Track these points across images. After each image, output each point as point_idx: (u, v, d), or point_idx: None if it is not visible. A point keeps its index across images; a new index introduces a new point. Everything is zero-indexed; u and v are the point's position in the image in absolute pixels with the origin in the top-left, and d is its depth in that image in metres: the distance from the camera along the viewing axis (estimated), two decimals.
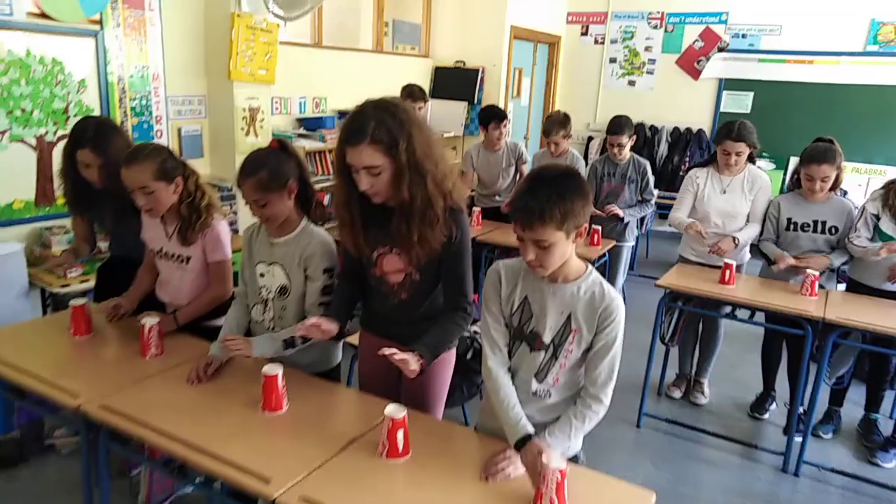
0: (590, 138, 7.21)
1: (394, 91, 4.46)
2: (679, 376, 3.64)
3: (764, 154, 6.39)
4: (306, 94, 4.83)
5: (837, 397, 3.30)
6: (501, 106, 6.19)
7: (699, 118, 6.79)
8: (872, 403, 3.25)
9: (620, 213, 3.81)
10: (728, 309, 3.12)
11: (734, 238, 3.20)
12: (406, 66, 5.96)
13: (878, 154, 5.90)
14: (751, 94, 6.58)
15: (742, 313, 3.12)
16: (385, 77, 5.43)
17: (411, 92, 4.45)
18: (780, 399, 3.43)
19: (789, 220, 3.15)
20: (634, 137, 3.95)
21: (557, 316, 1.56)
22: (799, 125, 6.23)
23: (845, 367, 3.14)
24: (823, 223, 3.08)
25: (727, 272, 3.05)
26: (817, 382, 2.87)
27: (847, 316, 2.73)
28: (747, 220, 3.29)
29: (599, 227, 3.78)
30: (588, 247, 3.69)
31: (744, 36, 6.55)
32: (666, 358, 3.62)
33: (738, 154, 3.20)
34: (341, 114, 4.98)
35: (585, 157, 6.87)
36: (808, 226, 3.11)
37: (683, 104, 6.87)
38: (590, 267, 1.58)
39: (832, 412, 3.30)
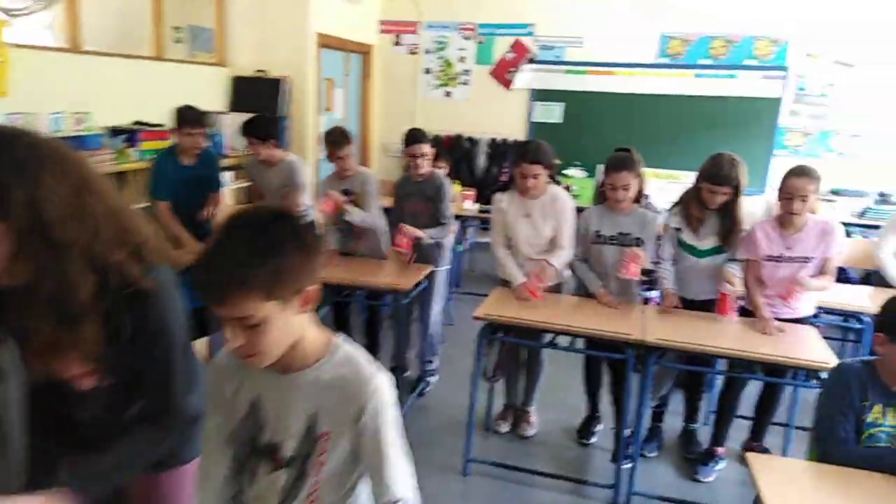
0: None
1: (180, 102, 3.81)
2: (506, 407, 3.42)
3: (576, 162, 6.57)
4: (64, 109, 3.99)
5: (658, 413, 3.26)
6: (310, 119, 5.73)
7: (514, 128, 6.81)
8: (691, 414, 3.25)
9: (421, 234, 3.46)
10: (549, 337, 2.95)
11: (549, 263, 3.02)
12: (198, 76, 5.27)
13: (675, 160, 6.26)
14: (561, 105, 6.72)
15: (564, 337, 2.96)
16: (172, 88, 4.72)
17: (183, 116, 3.68)
18: (606, 417, 3.33)
19: (597, 232, 3.06)
20: (434, 150, 3.66)
21: (298, 418, 1.15)
22: (606, 134, 6.44)
23: (667, 386, 3.10)
24: (628, 235, 3.01)
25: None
26: (642, 405, 2.77)
27: (665, 336, 2.64)
28: (555, 244, 3.12)
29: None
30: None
31: (550, 48, 6.68)
32: (492, 387, 3.39)
33: (535, 177, 3.02)
34: (114, 131, 4.21)
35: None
36: (615, 238, 3.03)
37: (498, 115, 6.86)
38: (334, 341, 1.19)
39: (655, 429, 3.25)
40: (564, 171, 6.47)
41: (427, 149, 3.56)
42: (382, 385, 1.14)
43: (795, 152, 6.02)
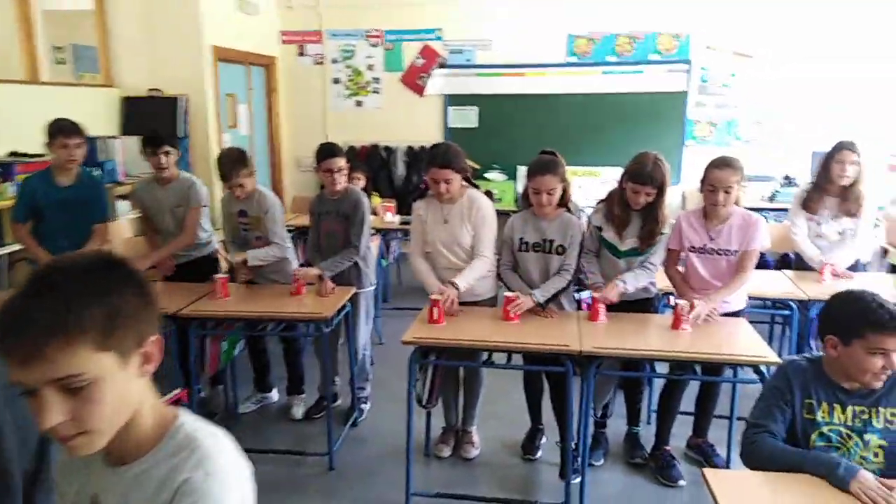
0: None
1: None
2: (446, 430, 3.24)
3: (494, 165, 6.50)
4: None
5: (601, 421, 3.17)
6: (213, 138, 5.37)
7: (431, 135, 6.66)
8: (633, 416, 3.18)
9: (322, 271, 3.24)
10: (486, 355, 2.79)
11: (454, 284, 2.85)
12: (82, 98, 4.83)
13: (590, 157, 6.29)
14: (476, 108, 6.63)
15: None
16: (53, 112, 4.24)
17: (56, 126, 3.27)
18: (550, 428, 3.21)
19: (521, 239, 2.94)
20: (349, 163, 3.44)
21: None
22: (521, 135, 6.42)
23: (609, 394, 3.01)
24: (551, 242, 2.91)
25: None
26: (585, 416, 2.66)
27: (603, 343, 2.53)
28: (475, 251, 2.97)
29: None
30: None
31: (460, 51, 6.58)
32: (429, 411, 3.20)
33: (446, 181, 2.87)
34: None
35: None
36: (538, 245, 2.92)
37: (414, 122, 6.70)
38: (179, 419, 0.93)
39: (599, 436, 3.16)
40: (485, 175, 6.39)
41: (342, 163, 3.34)
42: (210, 491, 0.85)
43: (704, 142, 6.18)
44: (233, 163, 3.21)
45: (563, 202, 2.94)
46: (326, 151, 3.34)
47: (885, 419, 1.78)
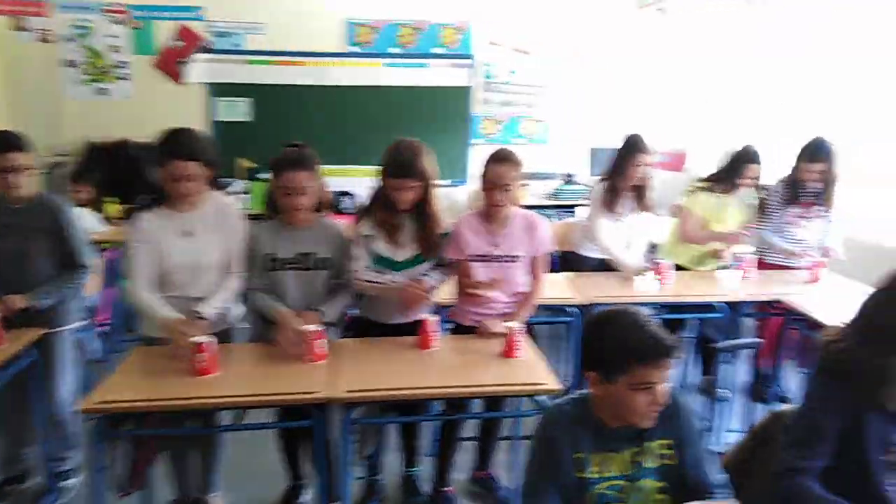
0: (56, 164, 5.45)
1: None
2: (178, 502, 2.54)
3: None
4: None
5: (373, 465, 2.68)
6: None
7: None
8: (409, 458, 2.75)
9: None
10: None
11: (199, 314, 2.23)
12: None
13: (375, 156, 5.85)
14: (249, 100, 5.86)
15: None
16: None
17: None
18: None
19: (270, 256, 2.36)
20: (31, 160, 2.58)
21: None
22: (305, 130, 5.74)
23: (375, 440, 2.53)
24: (312, 255, 2.38)
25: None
26: (345, 468, 2.15)
27: (361, 385, 2.04)
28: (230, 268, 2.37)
29: None
30: None
31: (227, 35, 5.76)
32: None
33: (189, 178, 2.23)
34: None
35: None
36: (295, 261, 2.37)
37: (172, 114, 5.59)
38: None
39: (372, 484, 2.68)
40: (259, 176, 5.65)
41: (23, 159, 2.48)
42: None
43: (491, 140, 6.05)
44: None
45: (320, 206, 2.43)
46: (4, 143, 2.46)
47: (657, 455, 1.49)
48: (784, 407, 1.80)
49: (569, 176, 5.95)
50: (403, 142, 2.36)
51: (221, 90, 5.80)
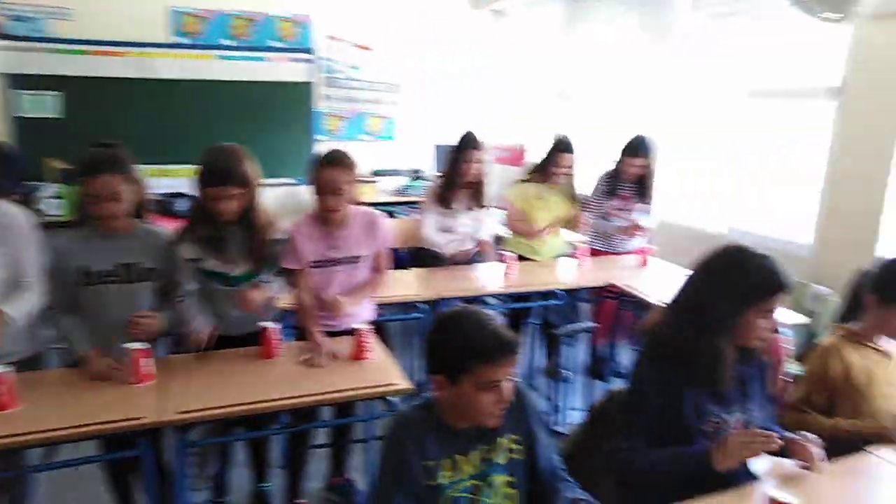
0: None
1: None
2: None
3: None
4: None
5: (219, 486, 2.49)
6: None
7: None
8: (260, 472, 2.59)
9: None
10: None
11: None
12: None
13: (198, 153, 5.50)
14: (59, 94, 5.22)
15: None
16: None
17: None
18: None
19: (83, 270, 2.09)
20: None
21: None
22: (127, 127, 5.23)
23: (217, 459, 2.35)
24: (136, 265, 2.14)
25: None
26: (182, 494, 1.97)
27: (195, 404, 1.87)
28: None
29: None
30: None
31: (25, 19, 5.09)
32: None
33: None
34: None
35: None
36: (115, 274, 2.12)
37: None
38: None
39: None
40: (72, 179, 5.07)
41: None
42: None
43: (336, 137, 5.91)
44: None
45: (140, 211, 2.19)
46: None
47: (505, 450, 1.50)
48: (617, 385, 1.91)
49: (416, 172, 5.98)
50: (218, 147, 2.21)
51: (24, 82, 5.11)
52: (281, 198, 4.79)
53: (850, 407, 1.85)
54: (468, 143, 3.39)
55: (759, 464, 1.45)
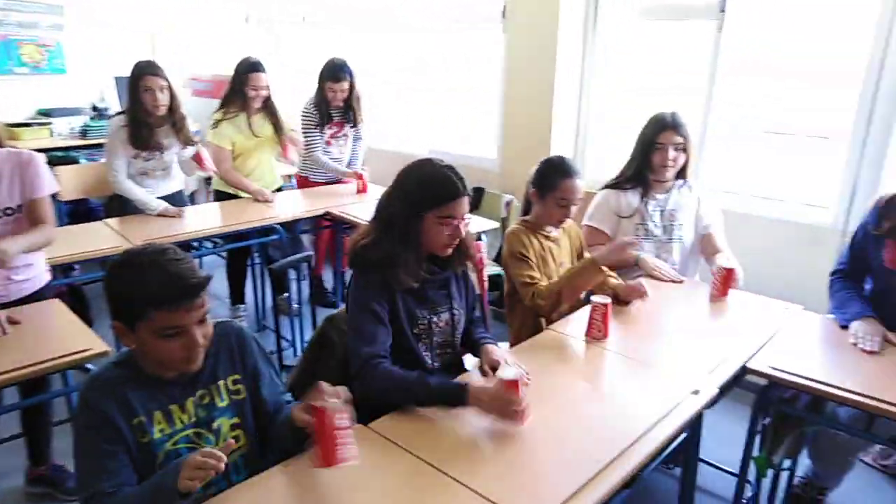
0: None
1: None
2: None
3: None
4: None
5: None
6: None
7: None
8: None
9: None
10: None
11: None
12: None
13: None
14: None
15: None
16: None
17: None
18: None
19: None
20: None
21: None
22: None
23: None
24: None
25: None
26: None
27: None
28: None
29: None
30: None
31: None
32: None
33: None
34: None
35: None
36: None
37: None
38: None
39: None
40: None
41: None
42: None
43: None
44: None
45: None
46: None
47: (227, 391, 1.44)
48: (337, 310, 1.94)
49: (97, 110, 5.18)
50: None
51: None
52: None
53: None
54: (143, 70, 3.00)
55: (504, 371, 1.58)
